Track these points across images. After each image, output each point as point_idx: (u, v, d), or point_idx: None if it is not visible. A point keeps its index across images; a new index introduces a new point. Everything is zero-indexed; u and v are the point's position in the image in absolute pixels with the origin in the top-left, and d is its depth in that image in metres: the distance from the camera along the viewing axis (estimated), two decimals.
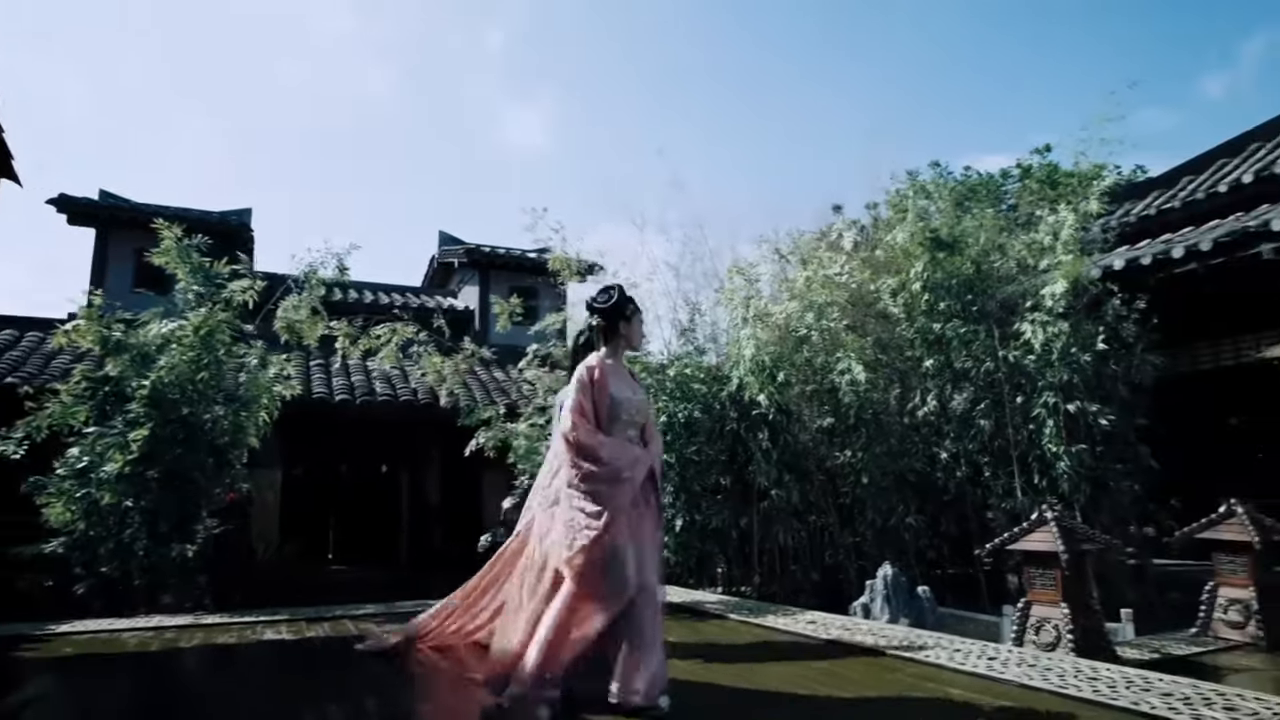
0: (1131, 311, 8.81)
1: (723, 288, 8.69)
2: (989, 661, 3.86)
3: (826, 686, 3.54)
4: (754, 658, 4.33)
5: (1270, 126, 11.81)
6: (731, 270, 8.70)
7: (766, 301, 8.86)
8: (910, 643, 4.35)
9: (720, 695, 3.42)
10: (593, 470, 3.11)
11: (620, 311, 3.47)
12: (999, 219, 10.02)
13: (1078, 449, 8.02)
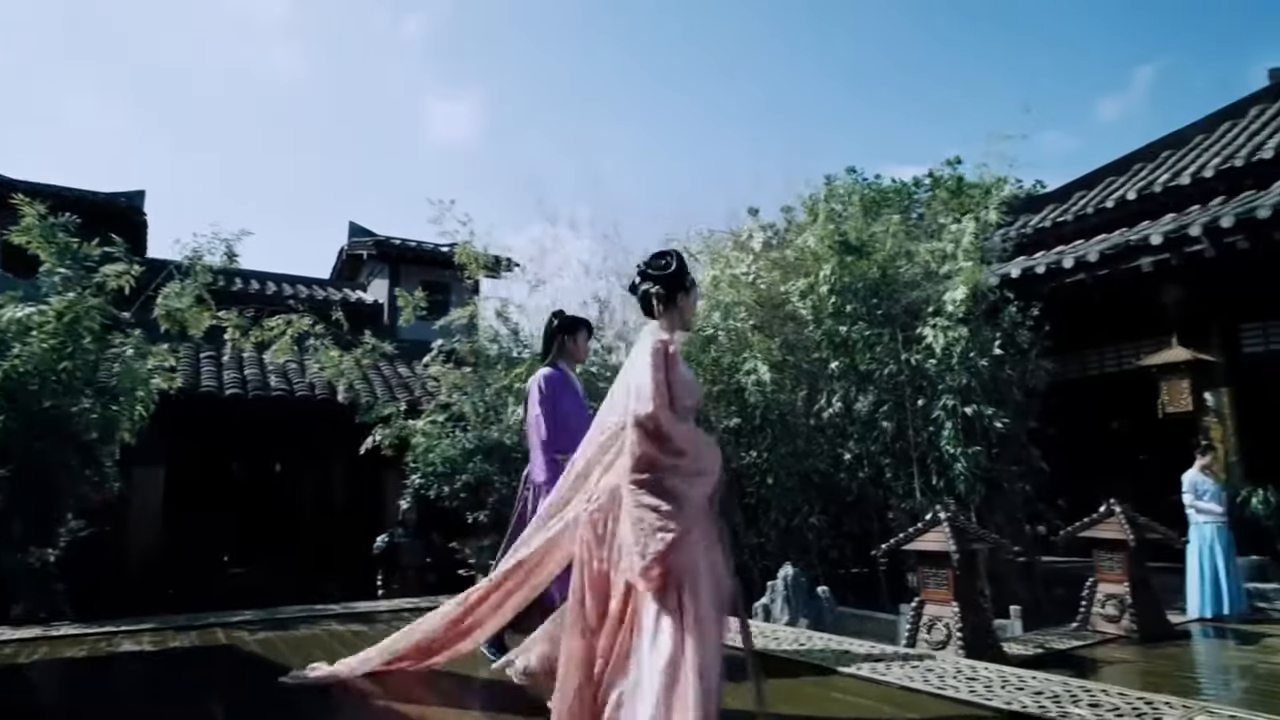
0: (1026, 318, 9.12)
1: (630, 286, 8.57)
2: (873, 665, 3.84)
3: None
4: None
5: (1153, 148, 12.50)
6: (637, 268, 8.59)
7: None
8: (800, 645, 4.32)
9: None
10: (674, 463, 2.51)
11: (680, 281, 2.91)
12: (906, 225, 10.23)
13: (974, 450, 8.24)
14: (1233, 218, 7.84)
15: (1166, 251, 8.38)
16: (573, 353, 4.45)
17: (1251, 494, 8.42)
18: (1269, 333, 8.98)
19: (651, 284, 2.86)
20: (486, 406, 9.11)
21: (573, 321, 4.56)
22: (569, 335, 4.42)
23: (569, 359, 4.42)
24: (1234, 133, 11.55)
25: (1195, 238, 8.12)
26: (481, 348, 9.51)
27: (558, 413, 4.11)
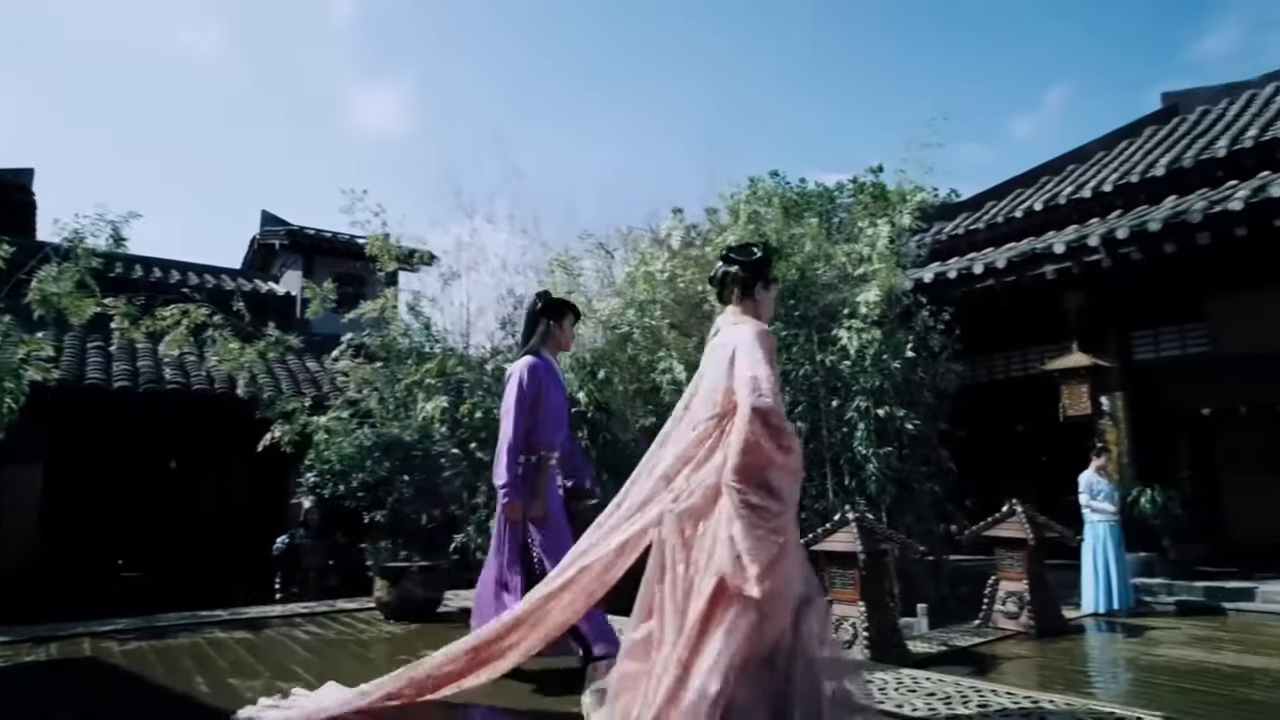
0: (938, 322, 9.31)
1: (545, 281, 8.37)
2: None
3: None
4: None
5: (1058, 163, 13.00)
6: (552, 263, 8.41)
7: (591, 297, 8.64)
8: None
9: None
10: (783, 461, 2.34)
11: (762, 272, 2.79)
12: (826, 228, 10.32)
13: (885, 451, 8.34)
14: (1127, 230, 8.16)
15: (1068, 260, 8.67)
16: (557, 339, 4.03)
17: (1140, 494, 8.79)
18: (1159, 340, 9.40)
19: (736, 268, 2.73)
20: (397, 402, 8.79)
21: (559, 305, 4.11)
22: (555, 320, 3.98)
23: (553, 346, 3.97)
24: (1131, 150, 12.08)
25: (1094, 248, 8.42)
26: (392, 342, 9.19)
27: (546, 407, 3.74)
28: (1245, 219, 7.43)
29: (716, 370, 2.49)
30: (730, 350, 2.45)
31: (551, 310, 3.99)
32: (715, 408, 2.48)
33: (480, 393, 8.24)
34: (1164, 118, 12.92)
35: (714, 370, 2.50)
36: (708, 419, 2.47)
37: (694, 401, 2.58)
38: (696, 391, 2.63)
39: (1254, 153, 9.30)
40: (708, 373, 2.55)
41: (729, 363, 2.44)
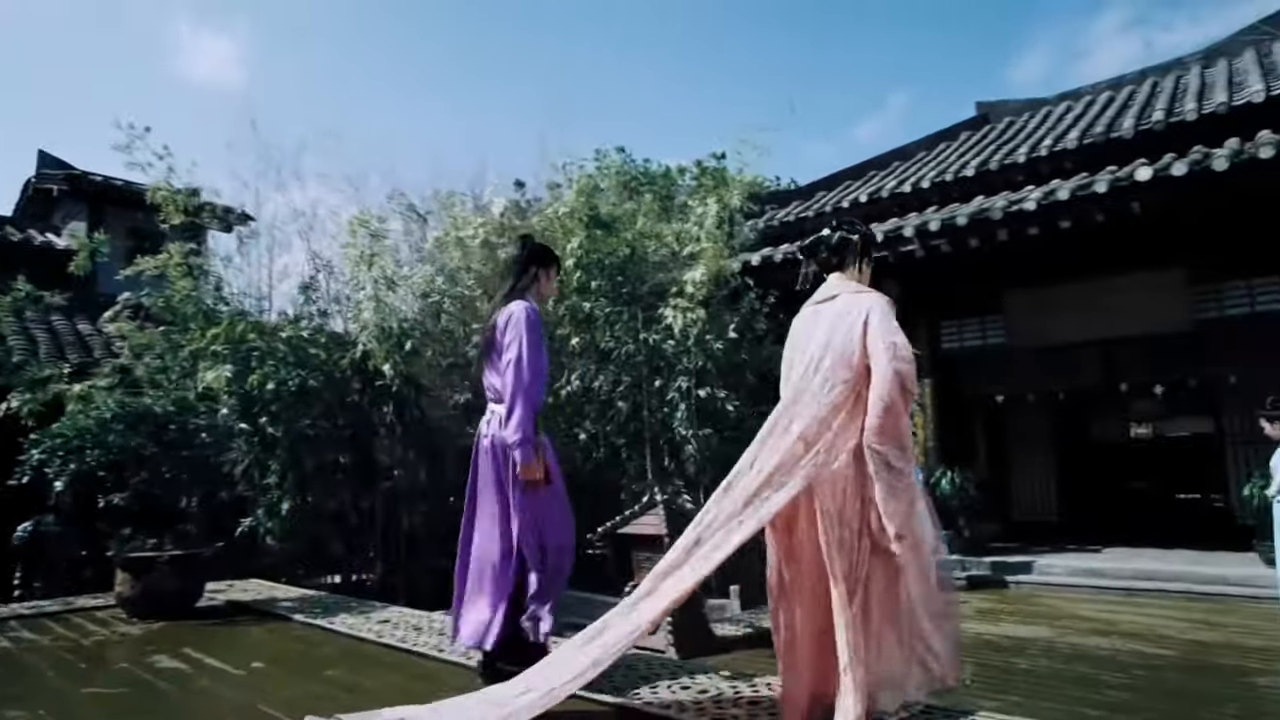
0: (764, 305, 9.38)
1: (347, 244, 7.61)
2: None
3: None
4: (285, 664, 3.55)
5: (885, 159, 13.55)
6: (353, 223, 7.68)
7: (402, 263, 8.00)
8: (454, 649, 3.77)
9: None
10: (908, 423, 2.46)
11: (871, 245, 2.85)
12: (660, 206, 10.15)
13: (705, 433, 8.29)
14: (938, 223, 8.50)
15: (885, 249, 8.92)
16: (541, 289, 3.52)
17: (941, 476, 9.25)
18: (963, 331, 9.94)
19: (857, 236, 2.80)
20: (182, 371, 7.81)
21: (549, 253, 3.65)
22: (543, 268, 3.50)
23: (536, 297, 3.44)
24: (948, 152, 12.75)
25: (908, 238, 8.71)
26: (182, 303, 8.13)
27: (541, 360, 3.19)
28: (1037, 219, 7.89)
29: (849, 334, 2.50)
30: (861, 315, 2.50)
31: (541, 257, 3.55)
32: (850, 371, 2.48)
33: (273, 363, 7.43)
34: (977, 125, 13.74)
35: (844, 334, 2.51)
36: (844, 381, 2.48)
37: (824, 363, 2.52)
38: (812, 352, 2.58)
39: (1048, 160, 9.97)
40: (837, 335, 2.53)
41: (863, 327, 2.48)
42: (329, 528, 7.85)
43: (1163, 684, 4.65)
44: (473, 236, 7.78)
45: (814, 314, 2.68)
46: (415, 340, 7.52)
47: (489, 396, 3.30)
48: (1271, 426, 6.76)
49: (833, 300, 2.65)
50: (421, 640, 3.96)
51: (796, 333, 2.74)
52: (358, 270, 7.40)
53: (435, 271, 7.60)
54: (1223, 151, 7.05)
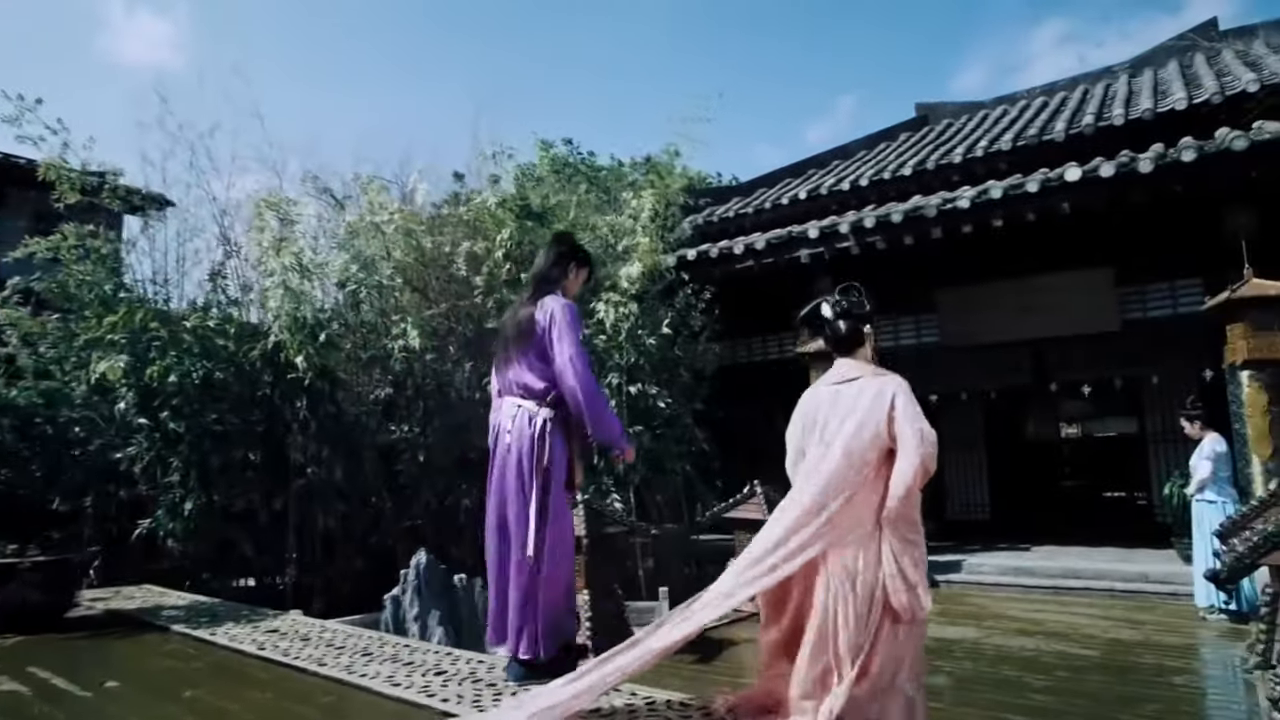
0: (700, 301, 9.21)
1: (255, 227, 7.15)
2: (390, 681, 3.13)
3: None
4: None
5: (825, 157, 13.53)
6: (260, 205, 7.22)
7: (319, 251, 7.58)
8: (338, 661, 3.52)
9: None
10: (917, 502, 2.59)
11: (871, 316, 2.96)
12: (593, 197, 9.90)
13: (636, 430, 8.06)
14: (874, 220, 8.43)
15: (821, 245, 8.85)
16: (569, 286, 3.32)
17: None
18: (898, 330, 9.92)
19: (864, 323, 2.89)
20: (77, 362, 7.29)
21: (584, 251, 3.48)
22: (577, 265, 3.35)
23: (563, 292, 3.25)
24: (888, 151, 12.78)
25: (844, 235, 8.64)
26: (79, 288, 7.58)
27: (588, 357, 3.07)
28: (970, 217, 7.88)
29: (874, 416, 2.61)
30: (886, 399, 2.62)
31: (578, 254, 3.42)
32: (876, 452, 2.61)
33: (175, 353, 6.96)
34: (916, 126, 13.83)
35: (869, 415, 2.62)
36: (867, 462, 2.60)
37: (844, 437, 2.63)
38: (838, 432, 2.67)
39: (983, 161, 10.02)
40: (859, 416, 2.64)
41: (889, 410, 2.60)
42: (238, 528, 7.40)
43: (1084, 686, 4.59)
44: (388, 222, 7.39)
45: (834, 394, 2.77)
46: (331, 331, 7.13)
47: (514, 391, 3.12)
48: (1191, 426, 6.83)
49: (853, 382, 2.76)
50: (306, 653, 3.65)
51: (813, 409, 2.82)
52: (266, 256, 6.97)
53: (351, 259, 7.19)
54: (1148, 155, 7.12)
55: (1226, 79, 9.49)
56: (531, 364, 3.04)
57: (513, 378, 3.10)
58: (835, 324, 2.89)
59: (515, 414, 3.04)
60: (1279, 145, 6.54)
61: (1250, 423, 7.29)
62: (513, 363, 3.10)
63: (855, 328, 2.87)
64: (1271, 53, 10.15)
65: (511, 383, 3.10)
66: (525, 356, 3.06)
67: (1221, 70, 10.19)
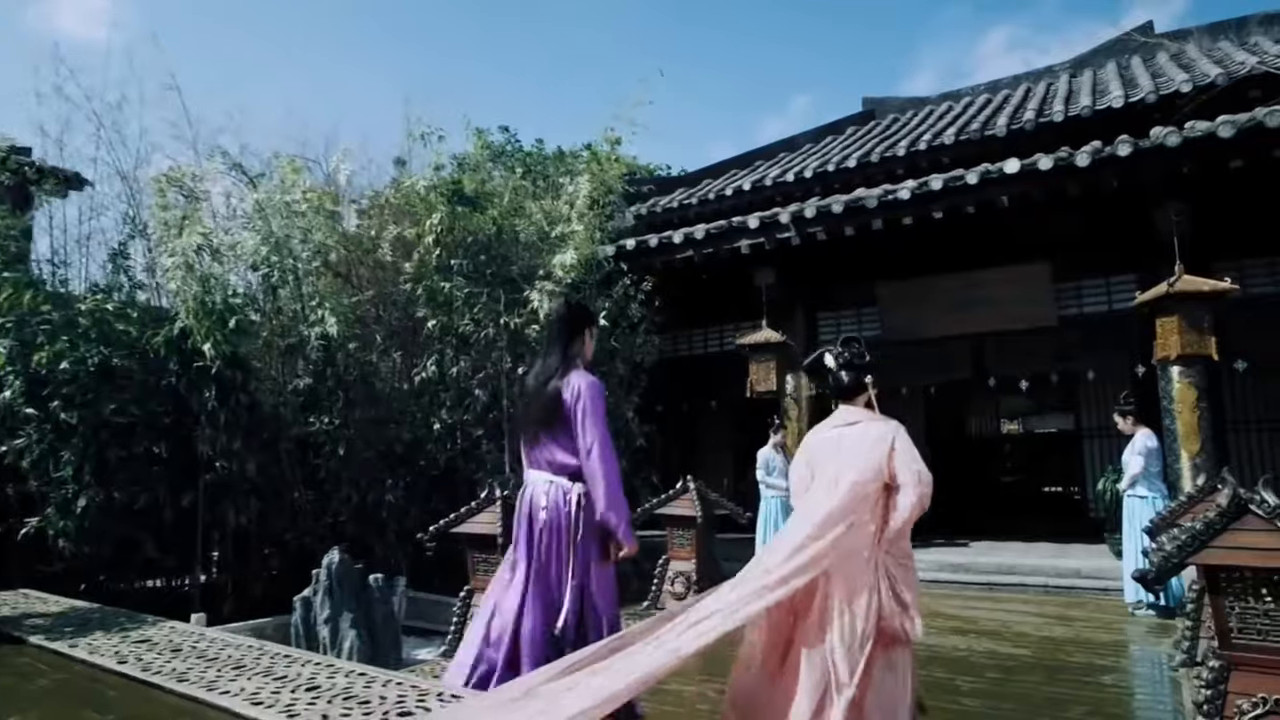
0: (638, 291, 8.96)
1: (156, 204, 6.64)
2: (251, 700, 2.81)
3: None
4: None
5: (772, 149, 13.43)
6: (160, 180, 6.73)
7: (231, 231, 7.12)
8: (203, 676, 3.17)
9: None
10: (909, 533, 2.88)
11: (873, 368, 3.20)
12: (528, 182, 9.58)
13: None
14: (814, 209, 8.28)
15: (761, 236, 8.67)
16: (586, 351, 3.38)
17: None
18: (840, 323, 9.80)
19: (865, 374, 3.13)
20: None
21: (590, 313, 3.53)
22: (589, 329, 3.40)
23: (583, 359, 3.33)
24: (834, 144, 12.71)
25: (784, 225, 8.47)
26: None
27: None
28: (910, 208, 7.78)
29: (875, 456, 2.85)
30: (886, 442, 2.86)
31: (588, 319, 3.46)
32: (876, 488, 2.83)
33: (68, 338, 6.46)
34: (863, 120, 13.80)
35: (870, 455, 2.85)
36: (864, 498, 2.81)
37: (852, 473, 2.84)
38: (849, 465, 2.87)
39: (926, 155, 9.99)
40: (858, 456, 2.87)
41: (889, 452, 2.84)
42: (140, 527, 6.92)
43: (1013, 687, 4.47)
44: (301, 202, 6.96)
45: (838, 436, 3.01)
46: (244, 317, 6.69)
47: (542, 466, 3.19)
48: (1124, 421, 6.82)
49: (853, 426, 3.01)
50: (171, 666, 3.30)
51: (818, 448, 3.07)
52: (168, 235, 6.50)
53: (261, 240, 6.75)
54: (1085, 149, 7.09)
55: (1161, 79, 9.60)
56: (562, 442, 3.14)
57: (543, 455, 3.19)
58: (838, 374, 3.14)
59: (549, 489, 3.12)
60: (1210, 142, 6.54)
61: (1180, 418, 7.33)
62: (542, 440, 3.20)
63: (858, 378, 3.11)
64: (1203, 55, 10.30)
65: (542, 459, 3.19)
66: (554, 434, 3.15)
67: (1156, 71, 10.32)
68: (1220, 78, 8.50)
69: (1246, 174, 6.74)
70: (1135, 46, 11.81)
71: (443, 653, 5.36)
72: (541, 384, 3.21)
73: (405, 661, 6.18)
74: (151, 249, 7.44)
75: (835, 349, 3.22)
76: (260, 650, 3.54)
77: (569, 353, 3.24)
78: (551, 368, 3.21)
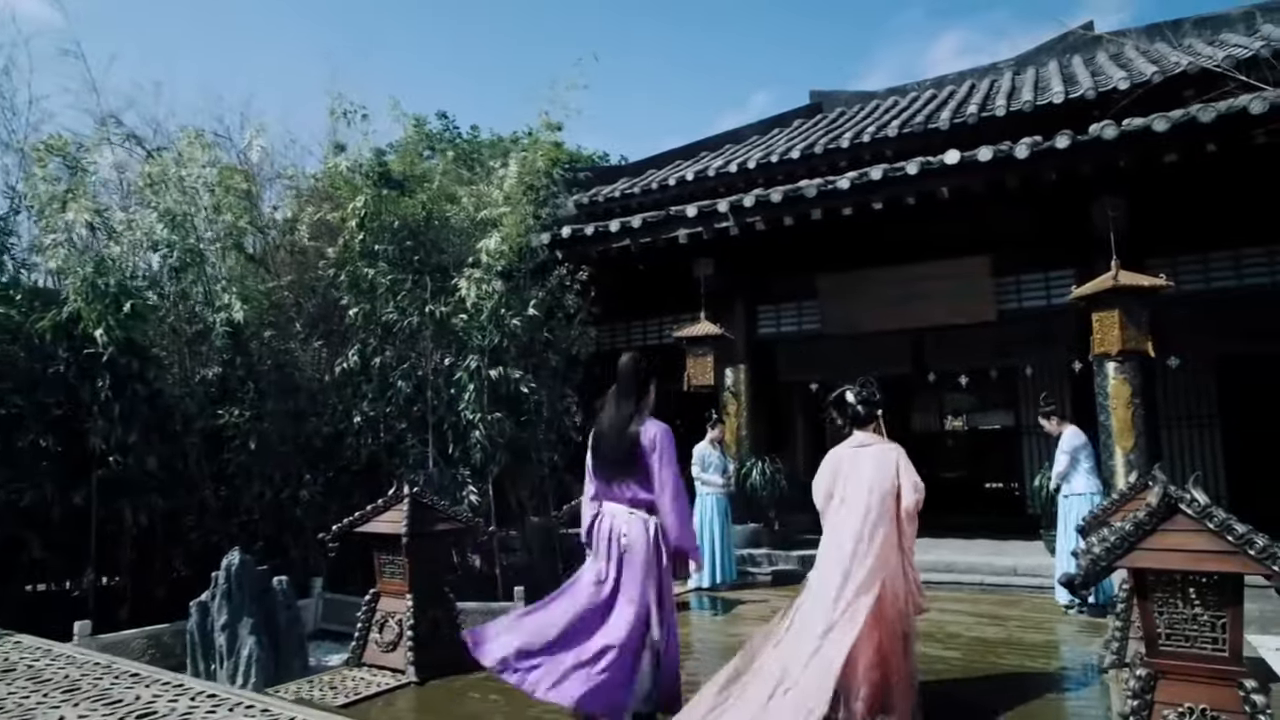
0: (574, 282, 8.66)
1: (34, 175, 6.09)
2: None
3: None
4: None
5: (717, 140, 13.23)
6: (39, 149, 6.19)
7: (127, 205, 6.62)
8: (10, 703, 2.79)
9: None
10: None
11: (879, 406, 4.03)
12: (459, 167, 9.19)
13: (495, 417, 7.46)
14: (753, 199, 8.07)
15: (699, 225, 8.43)
16: (651, 400, 3.81)
17: (753, 466, 8.86)
18: (780, 316, 9.62)
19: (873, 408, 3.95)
20: None
21: (656, 366, 3.87)
22: (657, 379, 3.83)
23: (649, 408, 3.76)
24: (780, 136, 12.55)
25: (722, 214, 8.25)
26: None
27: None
28: (850, 198, 7.61)
29: (887, 473, 3.73)
30: (893, 462, 3.75)
31: (655, 372, 3.86)
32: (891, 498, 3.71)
33: None
34: (810, 113, 13.68)
35: (884, 472, 3.73)
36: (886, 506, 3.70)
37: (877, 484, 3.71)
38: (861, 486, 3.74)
39: (870, 147, 9.86)
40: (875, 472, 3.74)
41: (895, 469, 3.73)
42: (25, 526, 6.40)
43: (942, 694, 4.29)
44: (200, 176, 6.48)
45: (855, 455, 3.85)
46: (140, 301, 6.21)
47: (621, 500, 3.66)
48: (1049, 423, 6.74)
49: (868, 448, 3.84)
50: None
51: (839, 464, 3.88)
52: (49, 210, 5.98)
53: (158, 218, 6.26)
54: (1025, 141, 7.00)
55: (1100, 77, 9.62)
56: (639, 479, 3.62)
57: (624, 491, 3.67)
58: (856, 407, 3.94)
59: (629, 519, 3.62)
60: (1146, 135, 6.49)
61: (1114, 414, 7.29)
62: (620, 478, 3.66)
63: (870, 410, 3.93)
64: (1140, 55, 10.38)
65: (622, 495, 3.68)
66: (633, 474, 3.63)
67: (1096, 70, 10.36)
68: (1156, 75, 8.52)
69: (1180, 169, 6.71)
70: (1077, 45, 11.87)
71: (346, 661, 5.00)
72: (620, 429, 3.66)
73: (312, 669, 5.80)
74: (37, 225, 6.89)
75: (854, 388, 3.98)
76: (106, 669, 3.15)
77: (641, 404, 3.70)
78: (627, 416, 3.67)
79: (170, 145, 6.95)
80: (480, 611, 6.90)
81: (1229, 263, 7.60)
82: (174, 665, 5.87)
